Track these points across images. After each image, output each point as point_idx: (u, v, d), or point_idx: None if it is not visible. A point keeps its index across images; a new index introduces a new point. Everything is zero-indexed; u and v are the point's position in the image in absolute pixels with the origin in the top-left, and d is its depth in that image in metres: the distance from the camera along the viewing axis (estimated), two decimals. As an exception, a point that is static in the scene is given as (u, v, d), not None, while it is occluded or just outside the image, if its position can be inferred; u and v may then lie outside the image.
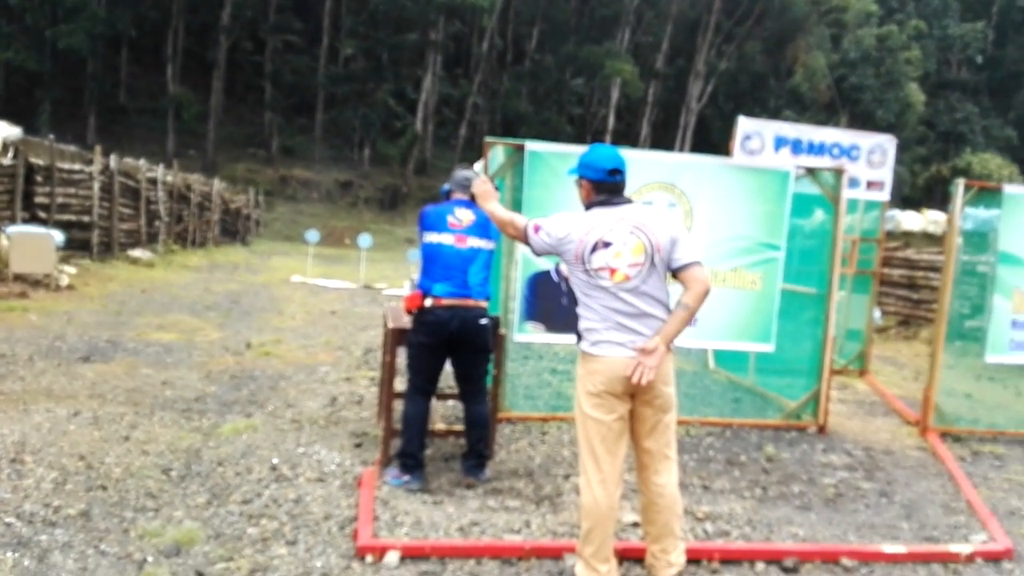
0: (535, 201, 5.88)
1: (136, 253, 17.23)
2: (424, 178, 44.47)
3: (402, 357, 5.09)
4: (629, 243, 3.39)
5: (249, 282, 16.34)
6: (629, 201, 3.55)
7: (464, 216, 4.75)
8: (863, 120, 40.93)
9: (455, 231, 4.72)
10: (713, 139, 44.93)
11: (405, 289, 5.23)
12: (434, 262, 4.71)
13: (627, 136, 48.51)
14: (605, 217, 3.45)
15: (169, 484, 4.59)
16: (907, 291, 13.94)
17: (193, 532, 3.94)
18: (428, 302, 4.63)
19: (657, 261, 3.40)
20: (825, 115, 43.15)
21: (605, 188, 3.51)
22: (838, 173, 6.69)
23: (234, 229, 29.45)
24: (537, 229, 3.60)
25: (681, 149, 46.33)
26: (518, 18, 48.08)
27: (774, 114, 40.41)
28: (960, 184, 6.78)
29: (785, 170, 6.40)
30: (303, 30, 45.04)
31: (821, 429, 6.70)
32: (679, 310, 3.38)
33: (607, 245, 3.39)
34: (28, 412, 5.71)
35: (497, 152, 6.20)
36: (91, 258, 15.38)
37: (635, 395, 3.45)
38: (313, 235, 19.64)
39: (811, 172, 6.71)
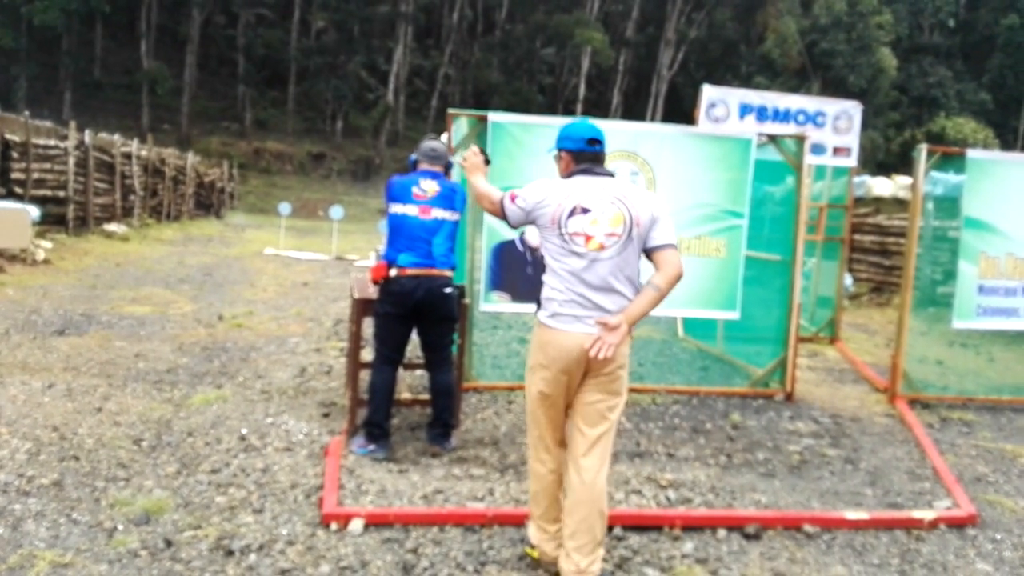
0: (499, 171, 5.91)
1: (111, 227, 17.15)
2: (396, 149, 44.32)
3: (369, 327, 5.16)
4: (608, 212, 3.28)
5: (223, 255, 16.32)
6: (612, 174, 3.45)
7: (429, 187, 4.81)
8: (835, 86, 40.96)
9: (419, 202, 4.78)
10: (685, 107, 44.72)
11: (371, 260, 5.28)
12: (399, 233, 4.77)
13: (599, 105, 48.41)
14: (586, 184, 3.36)
15: (140, 454, 4.67)
16: (879, 257, 14.06)
17: (162, 501, 4.02)
18: (393, 272, 4.69)
19: (635, 235, 3.29)
20: (797, 81, 43.13)
21: (585, 158, 3.43)
22: (800, 140, 6.77)
23: (208, 202, 29.27)
24: (514, 198, 3.50)
25: (653, 117, 46.30)
26: (488, -12, 47.82)
27: (745, 81, 40.39)
28: (923, 149, 6.83)
29: (747, 137, 6.47)
30: (275, 3, 44.62)
31: (788, 396, 6.79)
32: (648, 289, 3.29)
33: (585, 211, 3.29)
34: (3, 385, 5.75)
35: (461, 123, 6.25)
36: (67, 233, 15.33)
37: (588, 372, 3.33)
38: (286, 208, 19.62)
39: (773, 139, 6.79)
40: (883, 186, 14.56)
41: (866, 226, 14.16)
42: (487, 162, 4.10)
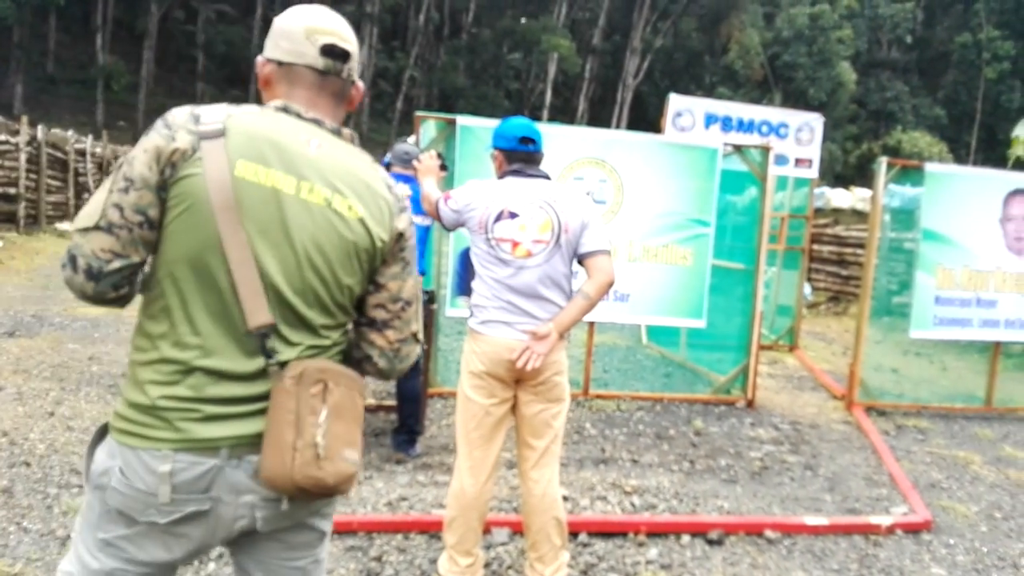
0: (467, 175, 5.89)
1: (64, 226, 16.75)
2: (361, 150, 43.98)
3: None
4: (536, 218, 3.14)
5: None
6: (546, 176, 3.29)
7: (400, 191, 4.74)
8: (796, 98, 41.67)
9: (388, 206, 4.71)
10: (649, 115, 45.30)
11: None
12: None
13: (564, 111, 48.67)
14: (515, 187, 3.20)
15: (95, 460, 4.54)
16: (837, 267, 14.27)
17: (119, 507, 3.91)
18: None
19: (563, 242, 3.15)
20: (759, 92, 43.81)
21: (517, 157, 3.26)
22: (765, 151, 6.84)
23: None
24: (447, 199, 3.33)
25: (618, 125, 46.65)
26: (455, -9, 47.82)
27: (709, 91, 40.90)
28: (883, 162, 6.96)
29: (713, 147, 6.52)
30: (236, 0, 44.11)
31: (750, 403, 6.87)
32: (579, 298, 3.15)
33: (513, 216, 3.14)
34: (-52, 389, 5.58)
35: (429, 126, 6.21)
36: (17, 231, 14.92)
37: (520, 381, 3.21)
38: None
39: (739, 149, 6.85)
40: (842, 198, 14.78)
41: (825, 236, 14.36)
42: (443, 168, 4.05)
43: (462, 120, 6.09)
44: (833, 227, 14.54)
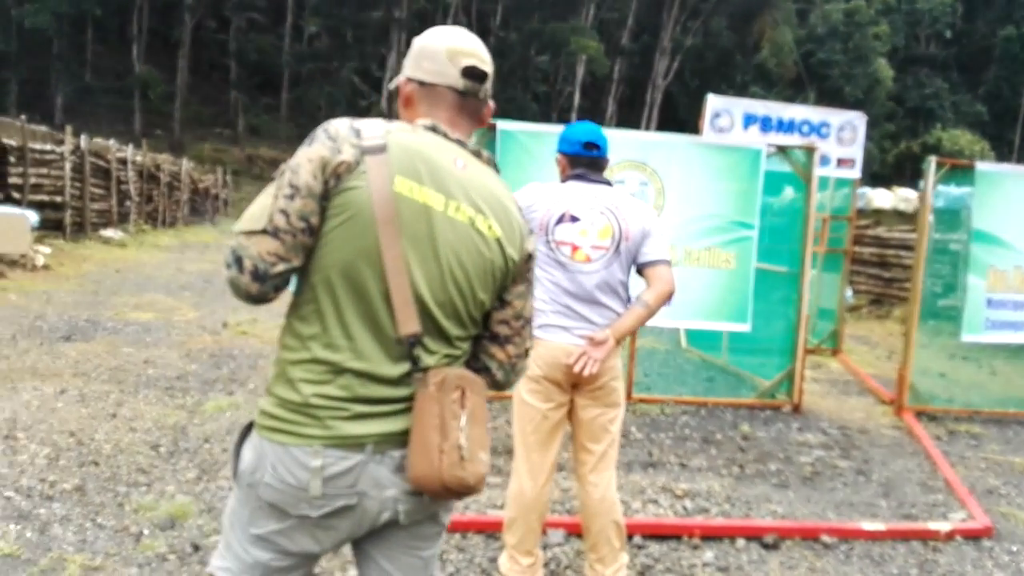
0: (508, 180, 5.85)
1: (108, 233, 17.11)
2: (388, 157, 44.24)
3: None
4: (597, 223, 3.14)
5: (220, 262, 16.21)
6: (608, 183, 3.27)
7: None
8: (831, 96, 41.22)
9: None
10: (680, 116, 45.02)
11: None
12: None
13: (593, 113, 48.46)
14: (578, 191, 3.20)
15: (159, 460, 4.67)
16: (878, 269, 14.09)
17: (186, 506, 4.03)
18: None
19: (623, 249, 3.15)
20: (792, 91, 43.37)
21: (581, 162, 3.26)
22: (809, 151, 6.82)
23: (203, 209, 29.25)
24: None
25: (647, 126, 46.38)
26: (482, -6, 47.95)
27: (741, 90, 40.56)
28: (932, 162, 6.87)
29: (757, 148, 6.51)
30: (267, 8, 44.55)
31: (796, 408, 6.81)
32: (638, 307, 3.13)
33: (574, 219, 3.14)
34: (16, 390, 5.76)
35: (472, 132, 6.26)
36: (64, 238, 15.27)
37: (577, 386, 3.21)
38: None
39: (782, 150, 6.84)
40: (883, 198, 14.64)
41: (866, 238, 14.21)
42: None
43: (503, 125, 6.14)
44: (874, 228, 14.38)
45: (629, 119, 46.89)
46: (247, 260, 1.63)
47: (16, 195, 14.16)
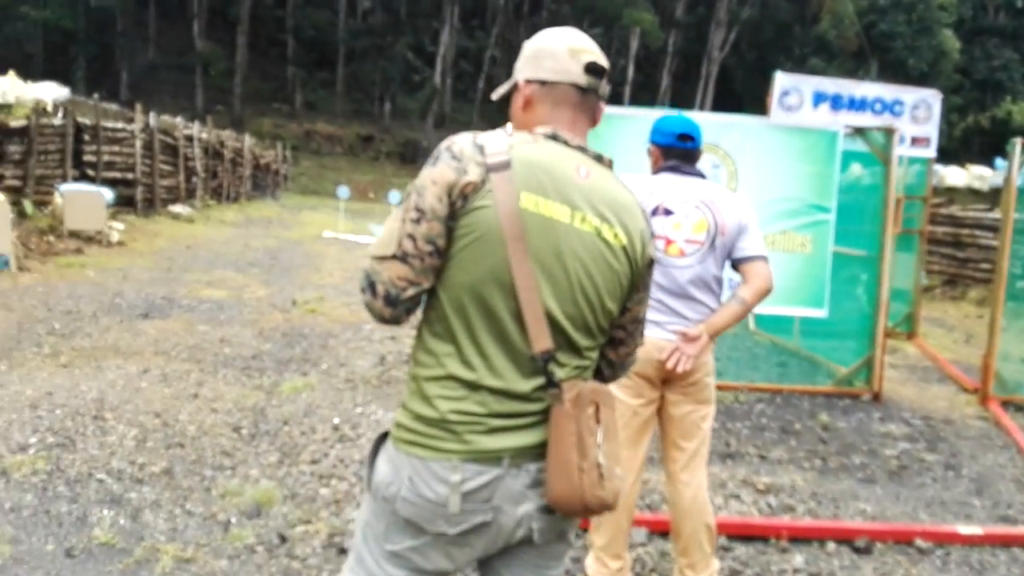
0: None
1: (176, 209, 17.50)
2: (443, 132, 44.09)
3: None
4: (692, 217, 3.06)
5: (284, 238, 16.54)
6: (702, 175, 3.18)
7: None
8: (894, 69, 40.01)
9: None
10: (736, 90, 44.19)
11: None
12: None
13: (647, 87, 47.87)
14: (671, 183, 3.11)
15: (241, 442, 4.76)
16: (952, 249, 13.74)
17: (270, 492, 4.09)
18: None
19: (718, 244, 3.06)
20: (854, 64, 42.15)
21: (674, 154, 3.16)
22: (888, 132, 6.63)
23: (264, 184, 29.68)
24: None
25: (703, 100, 45.57)
26: (535, -33, 47.43)
27: (799, 63, 39.57)
28: (1017, 143, 6.63)
29: (833, 130, 6.36)
30: (323, -17, 44.85)
31: (876, 396, 6.64)
32: (733, 303, 3.05)
33: (668, 213, 3.06)
34: (101, 369, 5.93)
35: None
36: (135, 214, 15.70)
37: (668, 381, 3.13)
38: (344, 191, 19.72)
39: (861, 132, 6.67)
40: (957, 176, 14.23)
41: (939, 217, 13.82)
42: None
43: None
44: (948, 207, 14.01)
45: (683, 93, 46.18)
46: (379, 285, 1.65)
47: (91, 172, 14.55)
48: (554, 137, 1.72)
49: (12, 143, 12.27)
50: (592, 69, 1.76)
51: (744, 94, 42.89)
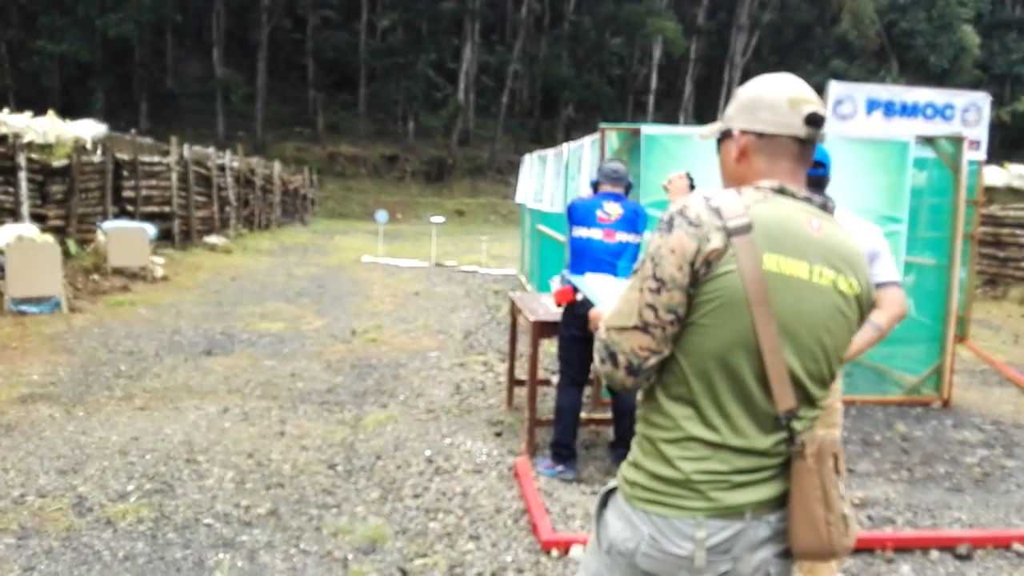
0: (652, 184, 5.92)
1: (212, 239, 17.60)
2: (468, 149, 44.47)
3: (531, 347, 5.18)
4: None
5: (325, 264, 16.57)
6: (831, 201, 3.32)
7: (612, 210, 4.81)
8: (915, 67, 39.91)
9: (604, 225, 4.78)
10: (759, 95, 43.85)
11: (555, 284, 5.32)
12: (583, 256, 4.79)
13: (669, 95, 47.93)
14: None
15: (339, 479, 4.77)
16: (992, 249, 13.68)
17: (381, 528, 4.10)
18: (579, 296, 4.71)
19: None
20: (875, 63, 42.10)
21: (808, 182, 3.32)
22: (957, 141, 6.61)
23: (293, 209, 29.83)
24: None
25: (725, 106, 45.34)
26: (555, -20, 47.54)
27: (821, 64, 39.56)
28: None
29: (904, 141, 6.36)
30: (341, 5, 45.08)
31: (945, 403, 6.68)
32: (868, 329, 3.08)
33: None
34: (179, 410, 5.96)
35: (611, 137, 6.25)
36: (173, 247, 15.78)
37: None
38: (383, 215, 19.61)
39: (930, 141, 6.65)
40: (996, 175, 14.14)
41: (980, 217, 13.71)
42: (692, 187, 4.05)
43: (647, 129, 6.11)
44: (987, 206, 13.90)
45: (706, 99, 46.19)
46: (620, 356, 1.66)
47: (129, 208, 14.67)
48: (782, 191, 1.71)
49: (55, 183, 12.38)
50: (813, 120, 1.72)
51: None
